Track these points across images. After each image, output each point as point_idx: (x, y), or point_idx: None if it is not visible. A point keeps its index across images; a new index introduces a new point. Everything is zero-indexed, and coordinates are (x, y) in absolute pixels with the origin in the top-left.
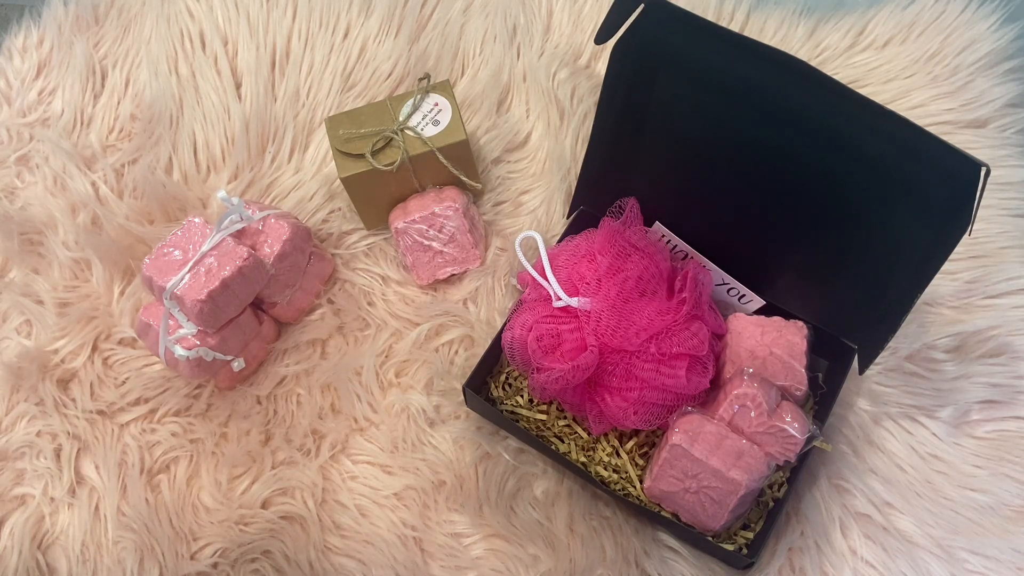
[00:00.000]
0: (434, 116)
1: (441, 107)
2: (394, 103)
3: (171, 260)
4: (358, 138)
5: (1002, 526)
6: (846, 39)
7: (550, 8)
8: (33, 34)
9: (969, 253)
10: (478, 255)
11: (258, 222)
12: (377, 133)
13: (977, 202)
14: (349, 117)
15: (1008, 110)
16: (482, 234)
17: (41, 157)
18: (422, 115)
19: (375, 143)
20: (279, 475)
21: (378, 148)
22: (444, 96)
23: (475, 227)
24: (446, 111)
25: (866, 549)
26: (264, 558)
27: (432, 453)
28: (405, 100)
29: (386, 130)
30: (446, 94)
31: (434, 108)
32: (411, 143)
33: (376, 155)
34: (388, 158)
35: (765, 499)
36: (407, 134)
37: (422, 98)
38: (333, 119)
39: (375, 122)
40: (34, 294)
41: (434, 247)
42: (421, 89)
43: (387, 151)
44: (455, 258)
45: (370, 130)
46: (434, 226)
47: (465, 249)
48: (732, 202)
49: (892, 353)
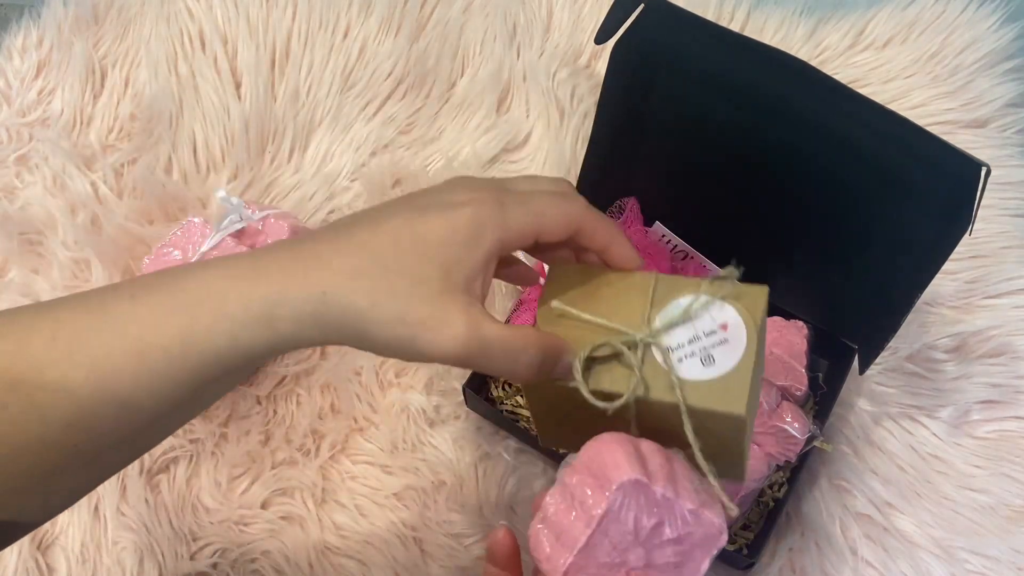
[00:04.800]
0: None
1: (730, 333)
2: (664, 288)
3: (170, 260)
4: (577, 324)
5: (1002, 526)
6: (846, 39)
7: (550, 8)
8: (33, 34)
9: (969, 253)
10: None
11: (258, 222)
12: (607, 332)
13: (977, 202)
14: (584, 279)
15: (1008, 110)
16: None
17: (40, 157)
18: (691, 334)
19: (597, 348)
20: (279, 475)
21: (599, 356)
22: (745, 316)
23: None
24: (736, 344)
25: (866, 549)
26: (264, 558)
27: (432, 453)
28: (680, 291)
29: (624, 337)
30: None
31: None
32: (653, 375)
33: (591, 371)
34: (605, 382)
35: (765, 499)
36: (652, 356)
37: (707, 304)
38: (561, 272)
39: (618, 308)
40: (34, 294)
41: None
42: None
43: (610, 369)
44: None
45: (600, 321)
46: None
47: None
48: (732, 202)
49: (892, 353)
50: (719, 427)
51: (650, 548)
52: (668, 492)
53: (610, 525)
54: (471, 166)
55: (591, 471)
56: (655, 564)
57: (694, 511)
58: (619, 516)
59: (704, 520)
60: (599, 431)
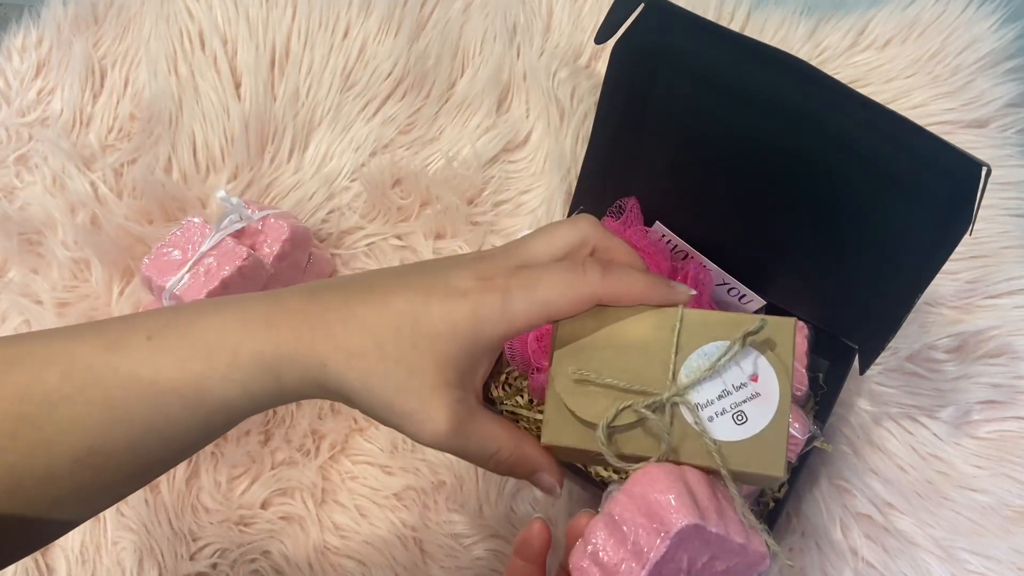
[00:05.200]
0: (742, 401)
1: (761, 385)
2: (687, 332)
3: (170, 260)
4: (598, 388)
5: (1003, 526)
6: (846, 39)
7: (550, 7)
8: (32, 34)
9: (970, 253)
10: (759, 547)
11: (257, 222)
12: (629, 393)
13: (978, 202)
14: (597, 322)
15: (1009, 110)
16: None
17: (40, 157)
18: (722, 388)
19: (620, 411)
20: (278, 475)
21: (623, 422)
22: (776, 364)
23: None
24: (768, 397)
25: (867, 549)
26: (263, 558)
27: (432, 453)
28: (706, 334)
29: (648, 395)
30: (779, 356)
31: (748, 384)
32: (684, 437)
33: (617, 434)
34: (632, 446)
35: (765, 499)
36: (680, 415)
37: (735, 354)
38: (568, 329)
39: (637, 363)
40: (33, 294)
41: None
42: (740, 337)
43: (637, 433)
44: None
45: (621, 383)
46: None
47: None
48: (732, 202)
49: (893, 353)
50: (755, 480)
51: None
52: (720, 530)
53: (664, 566)
54: (471, 166)
55: (642, 510)
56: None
57: (743, 545)
58: (674, 557)
59: (751, 550)
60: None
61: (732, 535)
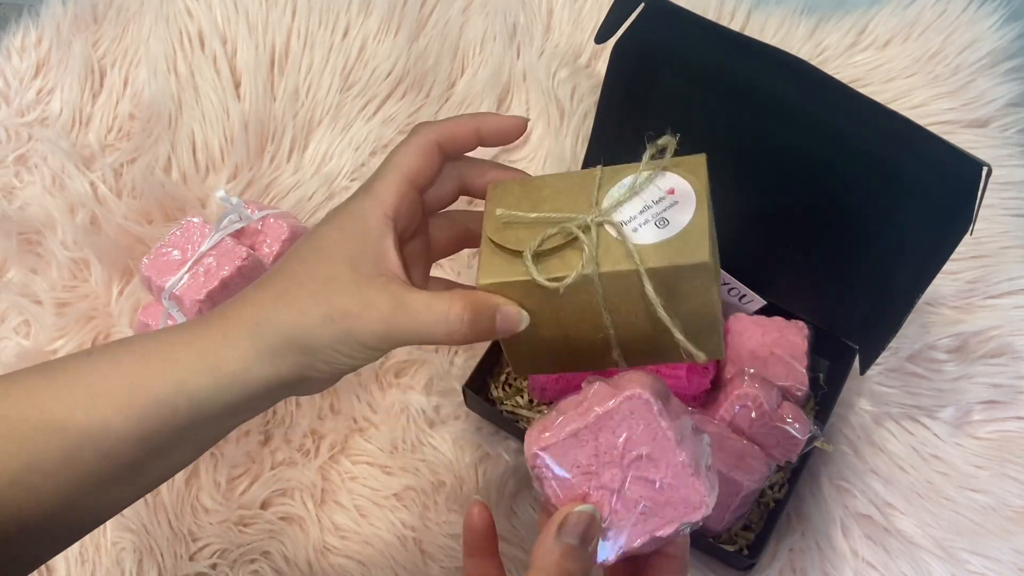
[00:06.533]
0: (663, 210)
1: (679, 196)
2: (608, 177)
3: (170, 260)
4: (523, 225)
5: (1004, 527)
6: (847, 38)
7: (550, 7)
8: (32, 33)
9: (970, 253)
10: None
11: (257, 222)
12: (555, 222)
13: (978, 202)
14: (524, 189)
15: (1009, 109)
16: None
17: (39, 157)
18: (642, 204)
19: (547, 238)
20: (278, 476)
21: (550, 248)
22: (689, 178)
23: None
24: (686, 203)
25: (867, 550)
26: (263, 559)
27: (432, 454)
28: (624, 175)
29: (572, 219)
30: (693, 175)
31: (666, 196)
32: (608, 250)
33: (542, 258)
34: (560, 268)
35: (766, 500)
36: (606, 232)
37: (651, 177)
38: (501, 187)
39: (563, 202)
40: (32, 294)
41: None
42: (653, 162)
43: (564, 255)
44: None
45: (545, 215)
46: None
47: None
48: (732, 202)
49: (893, 353)
50: (688, 287)
51: (628, 477)
52: (671, 434)
53: (603, 429)
54: None
55: (613, 383)
56: (624, 496)
57: (685, 468)
58: (616, 426)
59: (690, 484)
60: (579, 354)
61: (681, 451)
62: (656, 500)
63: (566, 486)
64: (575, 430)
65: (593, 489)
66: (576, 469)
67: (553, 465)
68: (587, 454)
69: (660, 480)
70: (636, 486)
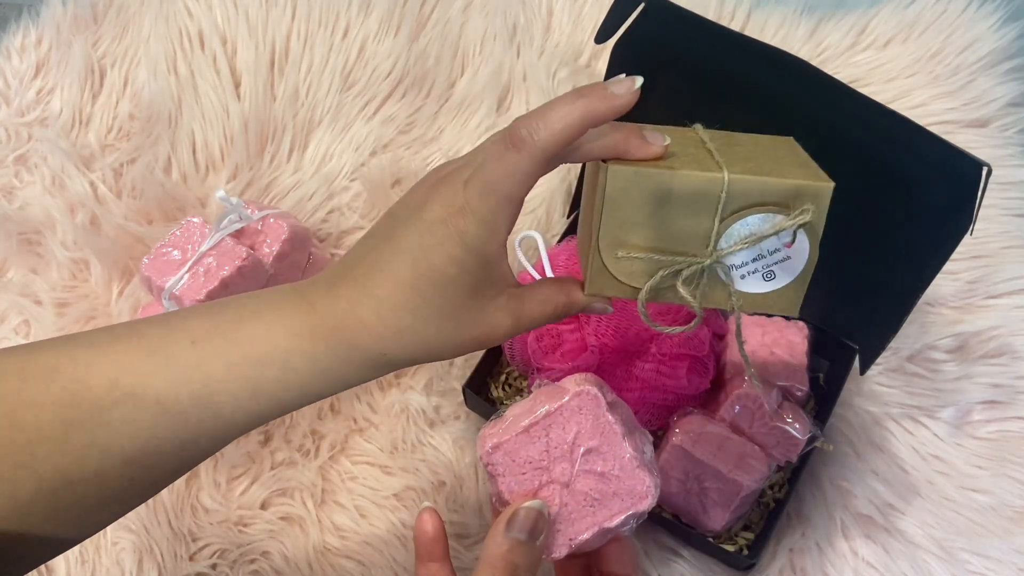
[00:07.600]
0: (774, 263)
1: (794, 252)
2: (734, 194)
3: (170, 260)
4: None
5: (1004, 527)
6: (847, 38)
7: (550, 7)
8: (32, 33)
9: (970, 253)
10: (647, 481)
11: (257, 222)
12: (669, 265)
13: (978, 202)
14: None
15: (1010, 109)
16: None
17: (39, 157)
18: (757, 253)
19: (661, 279)
20: (278, 476)
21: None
22: (810, 232)
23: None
24: (797, 261)
25: (867, 550)
26: (263, 559)
27: (432, 454)
28: (750, 203)
29: (688, 263)
30: (815, 225)
31: (782, 249)
32: (712, 286)
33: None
34: (669, 299)
35: (766, 500)
36: (714, 269)
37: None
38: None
39: (684, 224)
40: (32, 294)
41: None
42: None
43: (672, 288)
44: (602, 494)
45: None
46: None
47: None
48: None
49: (893, 353)
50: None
51: (577, 471)
52: (618, 428)
53: (553, 425)
54: None
55: (561, 384)
56: (574, 488)
57: (632, 460)
58: (565, 422)
59: (637, 476)
60: None
61: (627, 444)
62: (604, 492)
63: (518, 482)
64: (526, 426)
65: (544, 484)
66: (528, 465)
67: (505, 462)
68: (539, 450)
69: (608, 471)
70: (585, 479)
